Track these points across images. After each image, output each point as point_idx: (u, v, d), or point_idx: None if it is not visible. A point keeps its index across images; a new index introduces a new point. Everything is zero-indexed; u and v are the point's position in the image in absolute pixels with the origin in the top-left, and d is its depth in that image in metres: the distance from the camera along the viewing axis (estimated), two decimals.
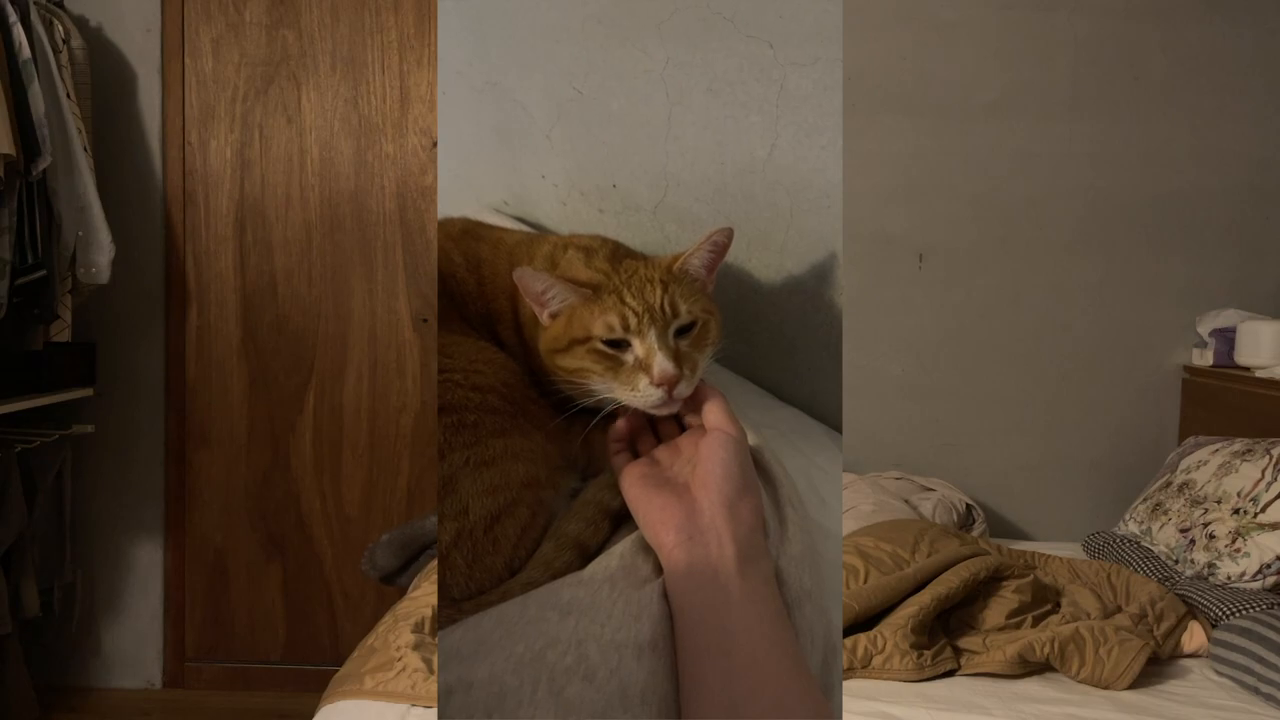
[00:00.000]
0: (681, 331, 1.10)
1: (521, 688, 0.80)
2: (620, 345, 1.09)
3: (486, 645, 0.84)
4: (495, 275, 1.34)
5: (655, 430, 1.14)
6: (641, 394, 1.06)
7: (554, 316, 1.16)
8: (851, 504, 2.18)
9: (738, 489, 0.95)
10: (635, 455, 1.11)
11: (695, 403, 1.08)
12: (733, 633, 0.83)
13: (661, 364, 1.05)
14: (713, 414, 1.04)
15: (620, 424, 1.12)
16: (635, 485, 1.01)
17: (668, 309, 1.09)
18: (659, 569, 0.94)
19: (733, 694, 0.79)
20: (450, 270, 1.34)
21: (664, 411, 1.07)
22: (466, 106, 1.96)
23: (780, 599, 0.90)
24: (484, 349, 1.24)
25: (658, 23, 1.48)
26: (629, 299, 1.09)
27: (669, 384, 1.04)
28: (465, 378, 1.15)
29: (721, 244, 1.17)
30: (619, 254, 1.23)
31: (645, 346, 1.07)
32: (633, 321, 1.08)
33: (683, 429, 1.11)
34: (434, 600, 1.63)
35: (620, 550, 0.97)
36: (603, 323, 1.09)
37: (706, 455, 0.98)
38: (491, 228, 1.44)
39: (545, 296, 1.14)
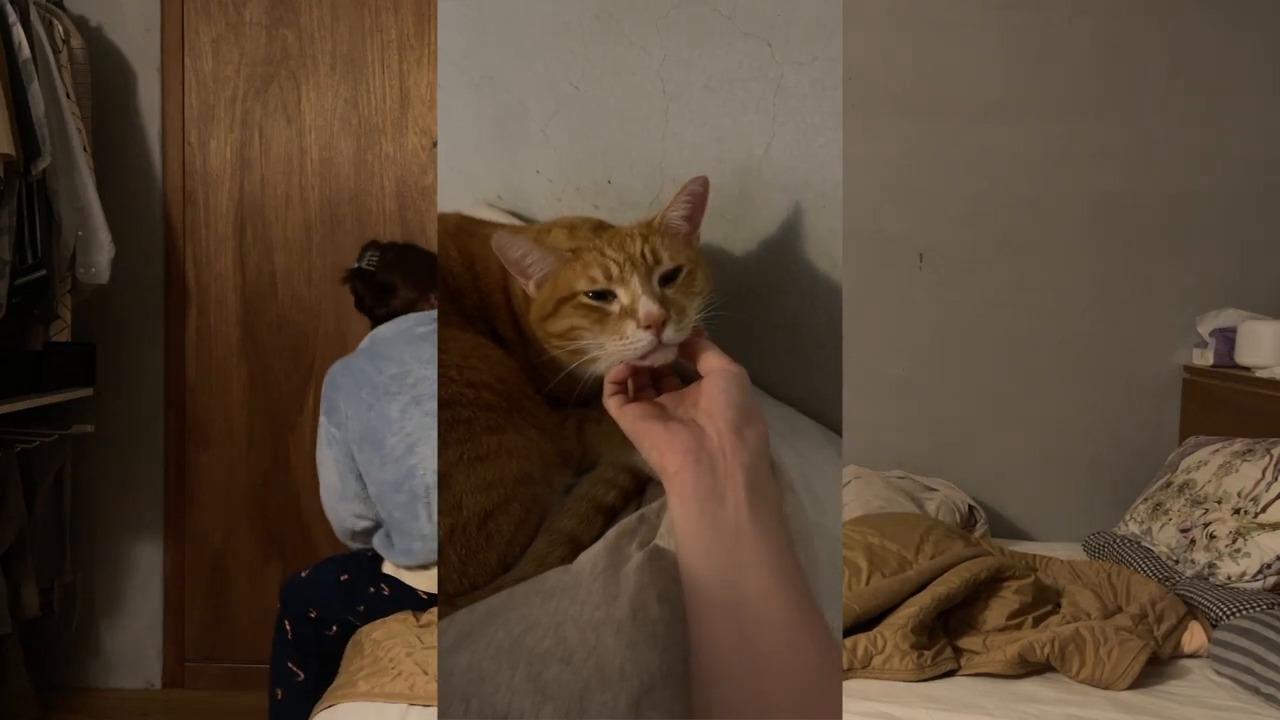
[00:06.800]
0: (666, 279, 1.08)
1: (499, 673, 0.80)
2: (605, 297, 1.07)
3: (472, 636, 0.84)
4: (488, 270, 1.34)
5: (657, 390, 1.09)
6: (630, 340, 1.02)
7: (539, 286, 1.14)
8: (861, 496, 2.18)
9: (744, 416, 0.91)
10: None
11: (690, 356, 1.04)
12: (742, 564, 0.80)
13: (646, 305, 1.02)
14: (709, 359, 1.00)
15: (619, 369, 1.06)
16: (638, 420, 0.96)
17: (649, 256, 1.07)
18: (642, 545, 0.94)
19: (742, 624, 0.77)
20: (447, 265, 1.34)
21: (657, 359, 1.03)
22: (463, 100, 1.95)
23: (788, 531, 0.87)
24: (480, 344, 1.24)
25: (656, 19, 1.47)
26: (609, 252, 1.07)
27: (655, 325, 1.01)
28: (460, 373, 1.15)
29: (699, 194, 1.15)
30: (603, 226, 1.22)
31: (629, 293, 1.04)
32: (614, 270, 1.06)
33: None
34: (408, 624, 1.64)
35: (605, 537, 0.98)
36: (585, 277, 1.07)
37: (709, 390, 0.95)
38: (484, 223, 1.44)
39: (525, 263, 1.12)
